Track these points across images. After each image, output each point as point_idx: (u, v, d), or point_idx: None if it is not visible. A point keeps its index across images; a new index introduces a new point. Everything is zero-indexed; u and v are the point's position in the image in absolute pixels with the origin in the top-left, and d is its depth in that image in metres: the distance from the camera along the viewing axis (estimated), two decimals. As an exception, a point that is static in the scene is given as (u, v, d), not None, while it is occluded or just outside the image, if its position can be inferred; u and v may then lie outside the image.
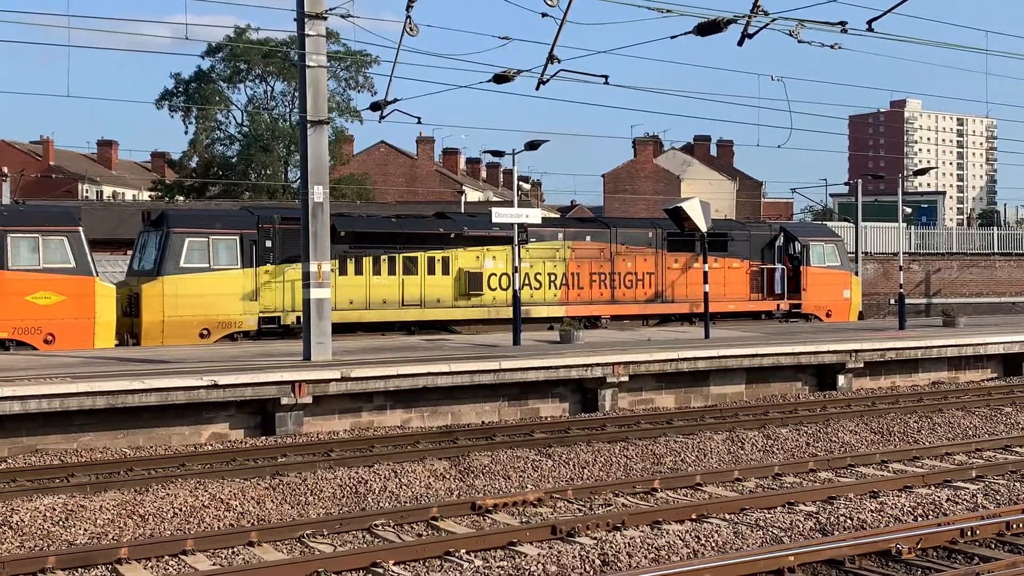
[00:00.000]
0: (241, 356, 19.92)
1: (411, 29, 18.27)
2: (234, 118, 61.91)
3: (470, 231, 27.81)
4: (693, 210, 25.47)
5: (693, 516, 11.51)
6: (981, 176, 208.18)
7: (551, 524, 10.93)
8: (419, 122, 21.32)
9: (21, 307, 21.59)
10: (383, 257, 26.50)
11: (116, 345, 22.86)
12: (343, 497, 12.67)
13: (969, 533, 10.15)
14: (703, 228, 25.72)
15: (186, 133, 61.16)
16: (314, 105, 19.51)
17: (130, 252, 27.47)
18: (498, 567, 9.31)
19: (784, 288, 32.41)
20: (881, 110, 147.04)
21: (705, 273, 25.80)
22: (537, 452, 14.97)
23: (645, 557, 9.56)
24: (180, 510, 11.73)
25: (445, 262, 27.38)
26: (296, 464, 14.13)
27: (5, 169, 48.76)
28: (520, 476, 13.84)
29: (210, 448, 15.92)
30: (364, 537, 11.03)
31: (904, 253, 35.71)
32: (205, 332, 24.09)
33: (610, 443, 15.80)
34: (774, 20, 16.00)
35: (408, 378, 17.73)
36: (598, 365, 19.39)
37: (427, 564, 9.91)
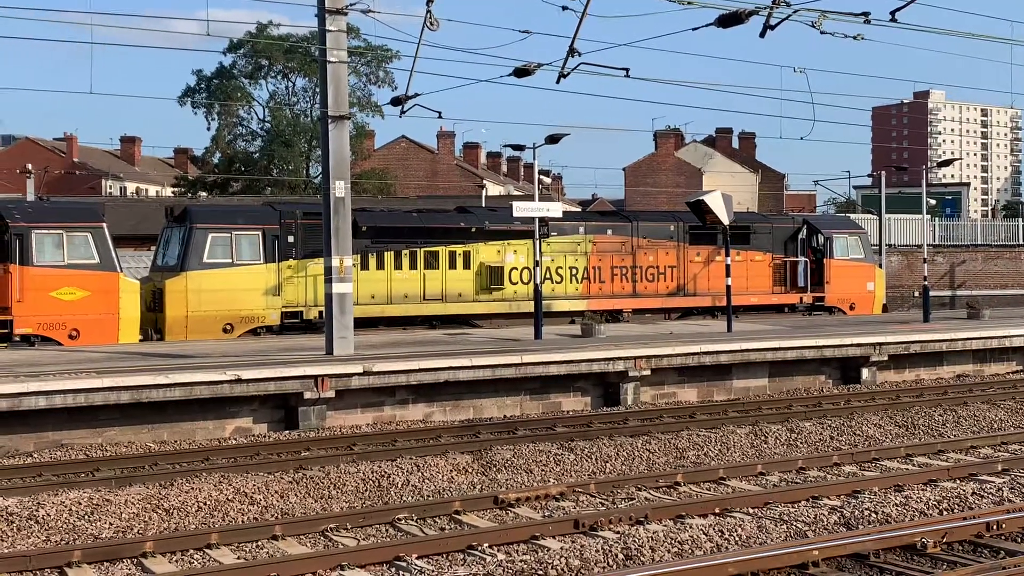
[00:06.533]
0: (264, 351, 20.00)
1: (432, 24, 18.26)
2: (256, 114, 62.19)
3: (491, 225, 27.81)
4: (715, 203, 25.37)
5: (716, 510, 11.47)
6: (1006, 167, 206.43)
7: (574, 518, 10.92)
8: (440, 116, 21.51)
9: (46, 303, 21.75)
10: (404, 252, 26.53)
11: (140, 340, 23.00)
12: (366, 491, 12.70)
13: (995, 527, 10.06)
14: (725, 221, 25.62)
15: (208, 129, 61.56)
16: (335, 100, 19.54)
17: (153, 248, 27.63)
18: (521, 561, 9.31)
19: (807, 281, 32.24)
20: (904, 101, 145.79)
21: (727, 266, 25.71)
22: (559, 446, 14.96)
23: (668, 551, 9.54)
24: (204, 504, 11.78)
25: (466, 256, 27.39)
26: (319, 458, 14.18)
27: (29, 166, 49.12)
28: (542, 470, 13.84)
29: (234, 442, 15.99)
30: (387, 531, 11.06)
31: (928, 245, 35.49)
32: (228, 327, 24.21)
33: (632, 437, 15.77)
34: (796, 11, 15.89)
35: (430, 372, 17.75)
36: (620, 359, 19.36)
37: (450, 558, 9.92)
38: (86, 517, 11.21)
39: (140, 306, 23.18)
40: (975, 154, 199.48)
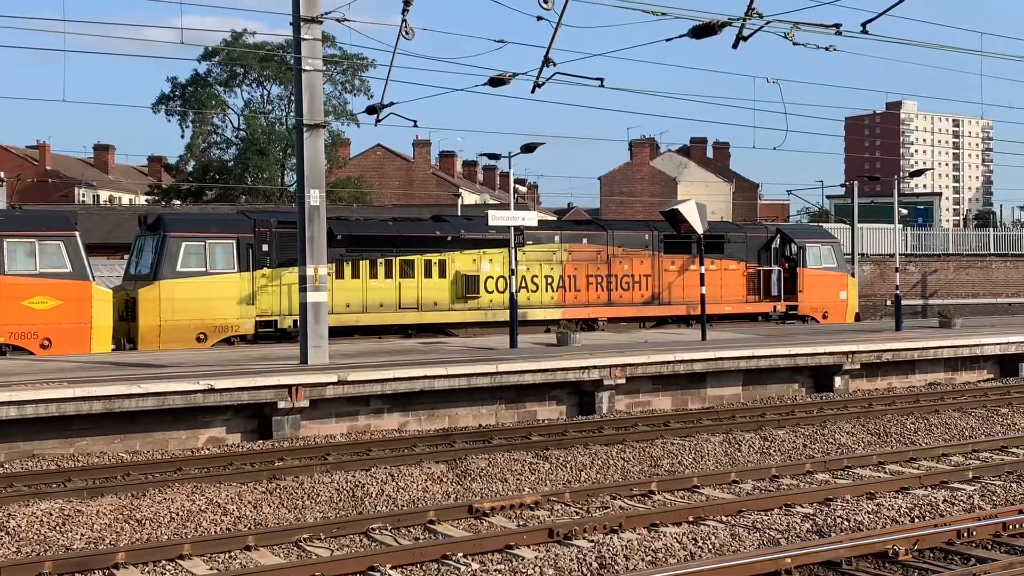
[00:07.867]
0: (238, 360, 19.91)
1: (407, 32, 18.29)
2: (231, 122, 61.95)
3: (467, 234, 27.81)
4: (689, 212, 25.50)
5: (690, 518, 11.51)
6: (977, 177, 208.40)
7: (548, 527, 10.93)
8: (415, 125, 21.48)
9: (18, 312, 21.57)
10: (380, 260, 26.49)
11: (113, 349, 22.84)
12: (340, 501, 12.67)
13: (966, 534, 10.15)
14: (699, 230, 25.74)
15: (183, 137, 61.29)
16: (310, 109, 19.51)
17: (127, 256, 27.46)
18: (495, 570, 9.32)
19: (780, 290, 32.44)
20: (877, 112, 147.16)
21: (701, 275, 25.82)
22: (534, 455, 14.97)
23: (642, 560, 9.57)
24: (177, 514, 11.72)
25: (442, 265, 27.38)
26: (293, 468, 14.13)
27: (1, 174, 48.80)
28: (517, 479, 13.84)
29: (207, 452, 15.91)
30: (361, 541, 11.02)
31: (900, 254, 35.78)
32: (202, 336, 24.08)
33: (607, 445, 15.80)
34: (769, 22, 16.02)
35: (405, 381, 17.73)
36: (595, 367, 19.40)
37: (424, 568, 9.91)
38: (57, 528, 11.12)
39: (113, 315, 23.02)
40: (947, 164, 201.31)
